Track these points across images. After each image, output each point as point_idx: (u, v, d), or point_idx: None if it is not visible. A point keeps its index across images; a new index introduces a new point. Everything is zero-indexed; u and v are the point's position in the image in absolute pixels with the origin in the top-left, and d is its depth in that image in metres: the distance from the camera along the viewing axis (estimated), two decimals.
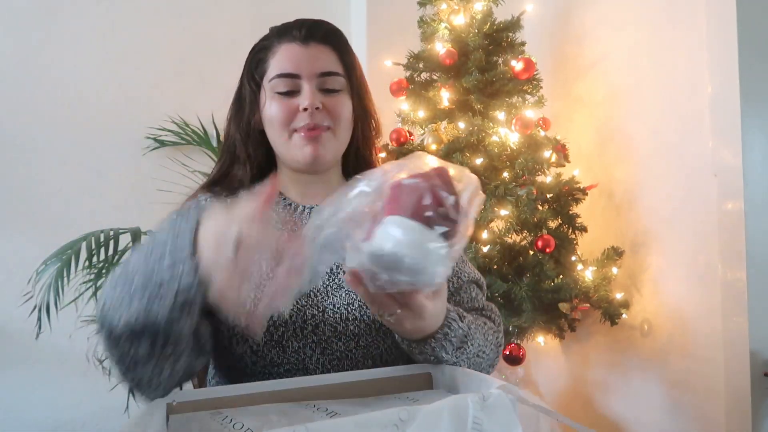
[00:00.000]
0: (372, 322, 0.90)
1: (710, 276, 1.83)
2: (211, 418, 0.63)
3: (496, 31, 2.09)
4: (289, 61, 0.92)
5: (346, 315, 0.89)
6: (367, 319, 0.90)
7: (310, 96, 0.91)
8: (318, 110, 0.91)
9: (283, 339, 0.86)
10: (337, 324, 0.88)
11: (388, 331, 0.90)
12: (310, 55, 0.93)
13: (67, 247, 1.91)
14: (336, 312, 0.89)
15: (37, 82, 2.32)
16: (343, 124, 0.95)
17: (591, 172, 2.25)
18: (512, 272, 1.92)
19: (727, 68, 1.78)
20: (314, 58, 0.93)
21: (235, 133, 1.00)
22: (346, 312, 0.89)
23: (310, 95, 0.91)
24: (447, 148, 1.99)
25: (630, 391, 2.11)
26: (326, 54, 0.94)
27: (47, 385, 2.26)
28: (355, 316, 0.89)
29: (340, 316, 0.89)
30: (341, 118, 0.94)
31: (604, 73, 2.29)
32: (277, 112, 0.92)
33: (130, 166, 2.41)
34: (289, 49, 0.93)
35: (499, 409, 0.55)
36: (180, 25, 2.50)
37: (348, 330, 0.89)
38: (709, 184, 1.83)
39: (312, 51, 0.93)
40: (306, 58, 0.92)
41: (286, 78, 0.92)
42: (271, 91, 0.94)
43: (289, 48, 0.93)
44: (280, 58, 0.93)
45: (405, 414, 0.52)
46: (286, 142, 0.93)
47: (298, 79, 0.92)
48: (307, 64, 0.92)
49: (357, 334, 0.89)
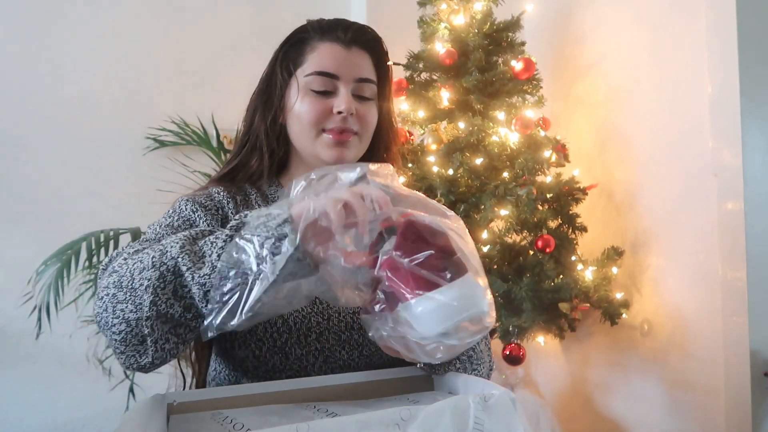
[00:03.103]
0: None
1: (710, 276, 1.83)
2: (212, 419, 0.63)
3: (496, 31, 2.09)
4: (331, 61, 0.92)
5: (351, 324, 0.88)
6: None
7: (348, 101, 0.91)
8: (351, 115, 0.91)
9: (286, 345, 0.85)
10: (342, 333, 0.88)
11: None
12: (352, 59, 0.93)
13: (67, 247, 1.91)
14: (341, 320, 0.88)
15: (38, 82, 2.32)
16: (369, 132, 0.96)
17: (591, 172, 2.25)
18: (512, 272, 1.92)
19: (727, 68, 1.78)
20: (355, 62, 0.93)
21: (260, 124, 0.98)
22: (351, 321, 0.89)
23: (347, 100, 0.91)
24: (447, 148, 1.99)
25: (630, 391, 2.11)
26: (366, 61, 0.95)
27: (47, 385, 2.25)
28: (360, 325, 0.88)
29: (345, 325, 0.88)
30: (369, 125, 0.96)
31: (604, 73, 2.29)
32: (310, 109, 0.92)
33: (130, 166, 2.41)
34: (332, 49, 0.93)
35: (500, 410, 0.55)
36: (180, 26, 2.50)
37: (352, 339, 0.88)
38: (709, 184, 1.83)
39: (354, 55, 0.94)
40: (347, 61, 0.93)
41: (324, 77, 0.92)
42: (306, 86, 0.93)
43: (333, 48, 0.93)
44: (320, 55, 0.93)
45: (406, 413, 0.52)
46: (313, 140, 0.93)
47: (336, 81, 0.92)
48: (348, 67, 0.92)
49: (361, 343, 0.88)
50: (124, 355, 0.69)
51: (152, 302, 0.65)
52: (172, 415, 0.66)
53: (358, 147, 0.95)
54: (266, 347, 0.85)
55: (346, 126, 0.91)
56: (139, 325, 0.66)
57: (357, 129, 0.93)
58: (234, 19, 2.53)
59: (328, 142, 0.92)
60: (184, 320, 0.67)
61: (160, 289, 0.65)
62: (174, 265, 0.65)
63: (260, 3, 2.54)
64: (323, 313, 0.88)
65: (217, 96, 2.45)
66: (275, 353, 0.85)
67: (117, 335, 0.67)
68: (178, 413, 0.66)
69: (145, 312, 0.65)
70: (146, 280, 0.66)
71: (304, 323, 0.86)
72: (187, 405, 0.66)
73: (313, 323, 0.87)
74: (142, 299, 0.65)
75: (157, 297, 0.65)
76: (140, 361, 0.68)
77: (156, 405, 0.64)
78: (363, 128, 0.94)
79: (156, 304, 0.65)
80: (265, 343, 0.85)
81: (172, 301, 0.65)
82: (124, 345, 0.68)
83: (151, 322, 0.66)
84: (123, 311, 0.67)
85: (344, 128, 0.91)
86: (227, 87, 2.43)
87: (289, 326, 0.86)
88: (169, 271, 0.65)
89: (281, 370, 0.85)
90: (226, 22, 2.54)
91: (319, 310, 0.87)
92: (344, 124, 0.91)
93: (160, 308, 0.65)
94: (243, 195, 0.96)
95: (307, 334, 0.86)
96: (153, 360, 0.68)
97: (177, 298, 0.65)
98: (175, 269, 0.65)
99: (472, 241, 0.65)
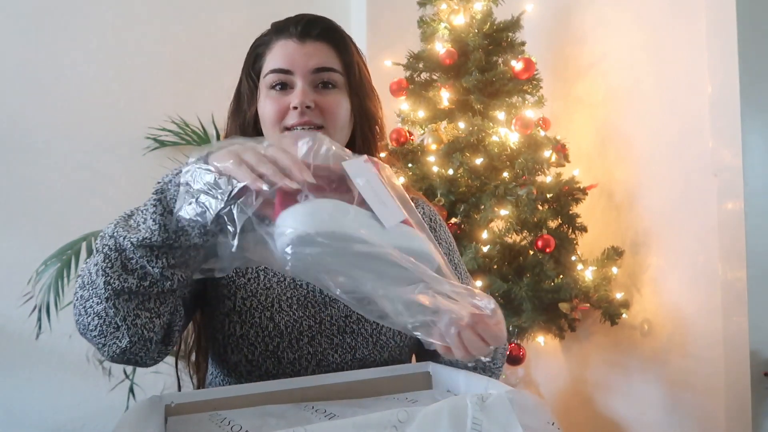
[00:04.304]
0: (369, 335, 0.88)
1: (710, 276, 1.83)
2: (210, 420, 0.63)
3: (496, 31, 2.09)
4: (283, 57, 0.90)
5: (344, 327, 0.87)
6: (364, 332, 0.88)
7: (301, 94, 0.88)
8: (309, 109, 0.88)
9: (278, 349, 0.85)
10: (334, 336, 0.87)
11: (385, 344, 0.89)
12: (305, 52, 0.90)
13: (67, 247, 1.91)
14: (333, 324, 0.87)
15: (38, 83, 2.32)
16: (338, 124, 0.91)
17: (591, 172, 2.25)
18: (512, 272, 1.92)
19: (727, 68, 1.78)
20: (309, 54, 0.90)
21: (233, 130, 0.99)
22: (343, 324, 0.88)
23: (300, 93, 0.88)
24: (447, 148, 1.99)
25: (630, 391, 2.11)
26: (323, 51, 0.91)
27: (47, 385, 2.25)
28: (353, 329, 0.88)
29: (337, 328, 0.87)
30: (335, 116, 0.91)
31: (604, 73, 2.29)
32: (269, 108, 0.90)
33: (130, 166, 2.40)
34: (285, 46, 0.91)
35: (498, 410, 0.55)
36: (180, 25, 2.50)
37: (345, 342, 0.87)
38: (709, 184, 1.83)
39: (308, 48, 0.90)
40: (300, 54, 0.90)
41: (279, 74, 0.90)
42: (265, 87, 0.91)
43: (285, 44, 0.91)
44: (275, 53, 0.92)
45: (404, 415, 0.52)
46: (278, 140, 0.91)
47: (291, 75, 0.89)
48: (301, 60, 0.89)
49: (354, 346, 0.87)
50: (105, 346, 0.70)
51: (105, 282, 0.66)
52: (170, 416, 0.66)
53: None
54: (258, 351, 0.85)
55: (305, 120, 0.88)
56: (106, 310, 0.67)
57: (320, 122, 0.89)
58: (234, 19, 2.53)
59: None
60: (144, 290, 0.67)
61: (109, 268, 0.66)
62: (114, 242, 0.66)
63: (260, 3, 2.54)
64: (315, 317, 0.87)
65: (217, 96, 2.41)
66: (267, 357, 0.85)
67: (94, 331, 0.69)
68: (176, 414, 0.66)
69: (103, 295, 0.67)
70: (95, 266, 0.67)
71: (295, 327, 0.86)
72: (184, 406, 0.67)
73: (305, 327, 0.86)
74: (98, 285, 0.67)
75: (108, 276, 0.66)
76: (120, 345, 0.69)
77: (153, 406, 0.64)
78: (328, 120, 0.90)
79: (109, 284, 0.66)
80: (257, 348, 0.85)
81: (124, 275, 0.66)
82: (103, 337, 0.69)
83: (113, 302, 0.67)
84: (92, 306, 0.68)
85: (304, 123, 0.88)
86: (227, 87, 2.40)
87: (281, 330, 0.85)
88: (111, 249, 0.66)
89: (274, 374, 0.85)
90: (226, 22, 2.54)
91: (311, 314, 0.87)
92: (303, 118, 0.88)
93: (115, 286, 0.66)
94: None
95: (299, 338, 0.85)
96: (131, 339, 0.69)
97: (128, 271, 0.66)
98: (116, 245, 0.66)
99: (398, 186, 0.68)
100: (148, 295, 0.68)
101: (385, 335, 0.90)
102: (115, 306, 0.67)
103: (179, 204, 0.62)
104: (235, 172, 0.59)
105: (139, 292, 0.67)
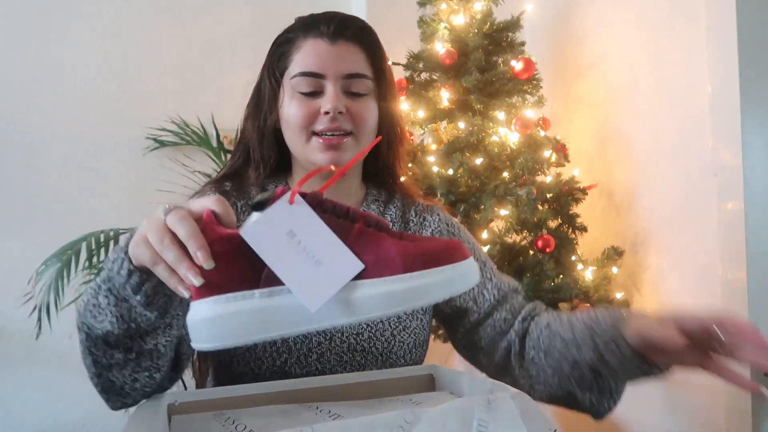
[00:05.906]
0: (380, 354, 0.86)
1: (710, 276, 1.83)
2: (214, 419, 0.63)
3: (496, 31, 2.09)
4: (314, 59, 0.86)
5: (354, 345, 0.85)
6: (375, 351, 0.86)
7: (334, 99, 0.84)
8: (341, 114, 0.85)
9: (285, 365, 0.83)
10: (344, 354, 0.85)
11: (394, 362, 0.87)
12: (337, 54, 0.86)
13: (67, 247, 1.91)
14: (344, 341, 0.85)
15: (37, 82, 2.31)
16: (367, 130, 0.89)
17: (591, 172, 2.25)
18: (512, 272, 1.91)
19: (727, 68, 1.78)
20: (341, 57, 0.86)
21: (251, 133, 0.94)
22: (354, 342, 0.85)
23: (333, 98, 0.84)
24: (447, 148, 1.99)
25: (630, 391, 2.10)
26: (355, 54, 0.87)
27: (47, 385, 2.25)
28: (363, 347, 0.85)
29: (347, 346, 0.85)
30: (365, 123, 0.88)
31: (603, 73, 2.29)
32: (297, 113, 0.86)
33: (130, 166, 2.40)
34: (315, 46, 0.86)
35: (504, 412, 0.55)
36: (180, 25, 2.50)
37: (354, 360, 0.85)
38: (709, 184, 1.83)
39: (340, 50, 0.86)
40: (332, 57, 0.85)
41: (309, 77, 0.85)
42: (292, 89, 0.87)
43: (315, 44, 0.86)
44: (304, 54, 0.87)
45: (410, 416, 0.52)
46: (304, 145, 0.88)
47: (322, 80, 0.86)
48: (333, 63, 0.85)
49: (363, 364, 0.85)
50: (115, 406, 0.74)
51: (94, 361, 0.69)
52: (174, 415, 0.66)
53: (354, 148, 0.87)
54: (265, 366, 0.83)
55: (336, 126, 0.85)
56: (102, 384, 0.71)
57: (350, 129, 0.86)
58: (234, 19, 2.53)
59: (318, 146, 0.86)
60: (135, 357, 0.68)
61: (93, 347, 0.68)
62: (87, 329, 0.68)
63: (260, 3, 2.53)
64: (325, 333, 0.84)
65: (217, 96, 2.44)
66: (274, 373, 0.83)
67: (100, 394, 0.73)
68: (180, 414, 0.66)
69: (95, 372, 0.70)
70: (80, 345, 0.70)
71: (305, 343, 0.84)
72: (188, 405, 0.66)
73: (314, 344, 0.84)
74: (88, 364, 0.70)
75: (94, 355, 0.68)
76: (128, 403, 0.73)
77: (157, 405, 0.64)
78: (358, 127, 0.87)
79: (98, 362, 0.69)
80: (264, 363, 0.83)
81: (110, 351, 0.68)
82: (110, 402, 0.73)
83: (107, 376, 0.70)
84: (91, 378, 0.72)
85: (334, 129, 0.85)
86: (227, 87, 2.42)
87: (289, 346, 0.83)
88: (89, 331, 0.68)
89: None
90: (225, 22, 2.54)
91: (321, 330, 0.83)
92: (333, 124, 0.85)
93: (103, 363, 0.69)
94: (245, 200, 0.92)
95: (307, 355, 0.83)
96: (135, 399, 0.72)
97: (111, 347, 0.68)
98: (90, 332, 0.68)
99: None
100: (139, 360, 0.68)
101: (395, 353, 0.87)
102: (110, 379, 0.69)
103: (100, 318, 0.64)
104: (149, 264, 0.58)
105: (130, 360, 0.68)
